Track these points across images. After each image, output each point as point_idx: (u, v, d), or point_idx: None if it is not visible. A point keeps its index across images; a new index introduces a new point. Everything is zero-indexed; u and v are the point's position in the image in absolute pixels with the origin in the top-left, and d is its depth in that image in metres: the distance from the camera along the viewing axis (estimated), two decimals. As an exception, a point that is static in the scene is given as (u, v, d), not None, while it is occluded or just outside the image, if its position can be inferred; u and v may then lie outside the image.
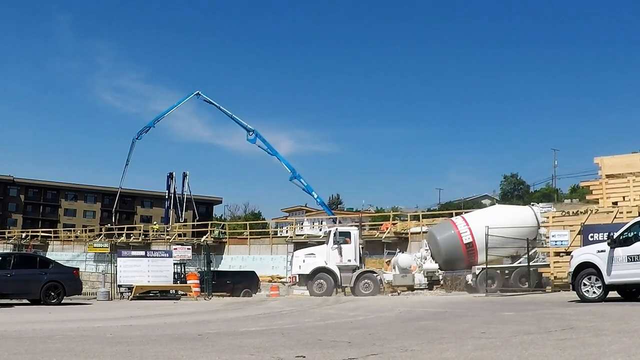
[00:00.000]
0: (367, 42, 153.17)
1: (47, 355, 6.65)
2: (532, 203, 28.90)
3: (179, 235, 53.62)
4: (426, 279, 26.19)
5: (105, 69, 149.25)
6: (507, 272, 24.97)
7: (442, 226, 28.23)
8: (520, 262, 24.65)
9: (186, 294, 25.68)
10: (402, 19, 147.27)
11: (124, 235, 56.07)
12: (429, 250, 26.69)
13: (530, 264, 23.41)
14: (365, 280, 25.87)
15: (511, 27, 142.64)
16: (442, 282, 26.24)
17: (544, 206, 27.55)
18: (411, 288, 26.11)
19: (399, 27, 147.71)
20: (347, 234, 27.06)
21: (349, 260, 26.36)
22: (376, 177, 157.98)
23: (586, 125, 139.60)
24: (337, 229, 27.66)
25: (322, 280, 25.85)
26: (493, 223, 23.55)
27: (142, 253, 27.71)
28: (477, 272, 24.42)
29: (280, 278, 40.14)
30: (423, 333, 8.69)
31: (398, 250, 29.66)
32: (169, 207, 63.49)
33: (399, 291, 25.87)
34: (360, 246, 27.35)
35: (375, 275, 26.24)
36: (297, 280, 26.70)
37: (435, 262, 26.30)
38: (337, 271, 26.02)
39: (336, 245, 26.31)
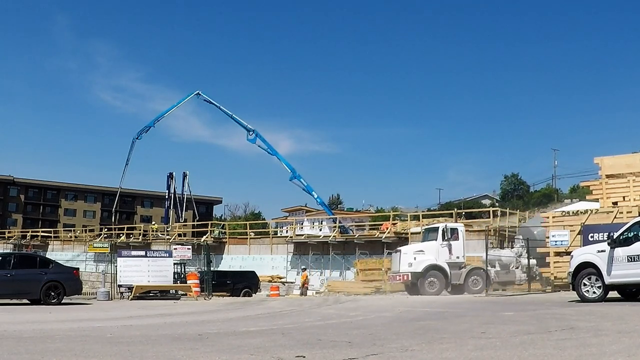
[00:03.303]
0: (367, 42, 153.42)
1: (47, 355, 6.64)
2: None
3: (179, 235, 53.67)
4: (525, 274, 25.58)
5: (104, 69, 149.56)
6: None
7: (537, 221, 27.72)
8: None
9: (186, 294, 25.66)
10: (402, 18, 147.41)
11: (124, 235, 56.11)
12: (525, 246, 26.12)
13: None
14: (474, 277, 24.90)
15: (511, 26, 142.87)
16: (537, 278, 25.75)
17: None
18: (510, 284, 25.36)
19: (399, 26, 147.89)
20: (455, 230, 25.91)
21: (457, 257, 25.34)
22: (376, 177, 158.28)
23: (586, 125, 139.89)
24: (446, 225, 26.36)
25: (434, 279, 24.67)
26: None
27: (142, 253, 27.61)
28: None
29: (280, 278, 40.15)
30: (423, 333, 8.68)
31: (493, 246, 28.58)
32: (169, 207, 63.46)
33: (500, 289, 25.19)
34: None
35: (482, 272, 24.97)
36: (409, 278, 25.15)
37: (532, 258, 25.69)
38: (447, 269, 24.89)
39: (446, 242, 25.29)
